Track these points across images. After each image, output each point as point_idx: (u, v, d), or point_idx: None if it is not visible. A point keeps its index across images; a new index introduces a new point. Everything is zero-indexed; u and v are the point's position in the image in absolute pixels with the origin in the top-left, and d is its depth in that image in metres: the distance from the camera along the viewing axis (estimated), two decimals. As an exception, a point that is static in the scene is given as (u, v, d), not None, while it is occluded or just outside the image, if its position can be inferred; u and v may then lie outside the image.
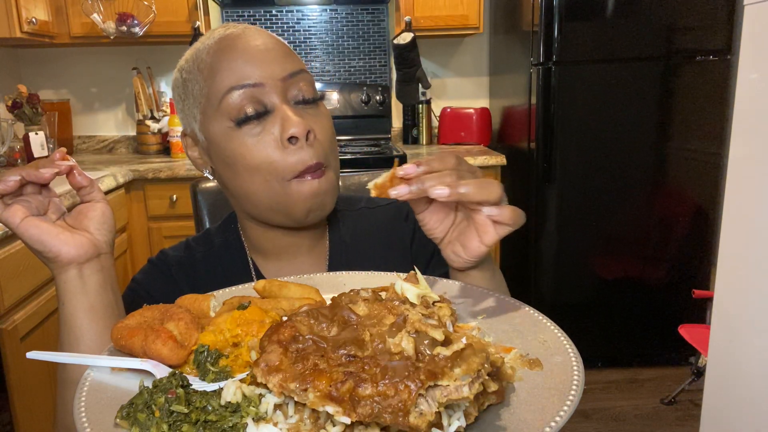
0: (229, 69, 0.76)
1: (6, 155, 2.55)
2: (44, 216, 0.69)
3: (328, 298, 0.64)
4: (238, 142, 0.76)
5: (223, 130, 0.77)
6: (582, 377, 0.50)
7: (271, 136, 0.76)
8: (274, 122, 0.76)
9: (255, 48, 0.77)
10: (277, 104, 0.76)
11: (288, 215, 0.81)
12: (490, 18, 3.05)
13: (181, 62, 0.83)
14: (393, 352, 0.46)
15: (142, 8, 2.63)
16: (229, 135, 0.77)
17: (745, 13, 1.30)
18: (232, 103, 0.76)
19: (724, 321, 1.41)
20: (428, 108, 3.08)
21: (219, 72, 0.77)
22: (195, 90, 0.79)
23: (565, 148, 2.46)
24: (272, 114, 0.76)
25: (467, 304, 0.66)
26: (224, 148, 0.78)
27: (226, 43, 0.78)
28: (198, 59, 0.79)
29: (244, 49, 0.77)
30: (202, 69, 0.78)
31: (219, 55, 0.77)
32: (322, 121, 0.80)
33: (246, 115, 0.75)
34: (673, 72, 2.41)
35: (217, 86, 0.77)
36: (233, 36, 0.79)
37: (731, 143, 1.35)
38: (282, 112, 0.76)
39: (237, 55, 0.76)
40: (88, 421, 0.47)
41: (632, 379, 2.63)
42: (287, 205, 0.79)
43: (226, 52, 0.77)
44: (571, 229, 2.54)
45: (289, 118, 0.75)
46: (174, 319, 0.57)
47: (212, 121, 0.78)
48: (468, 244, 0.66)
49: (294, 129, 0.74)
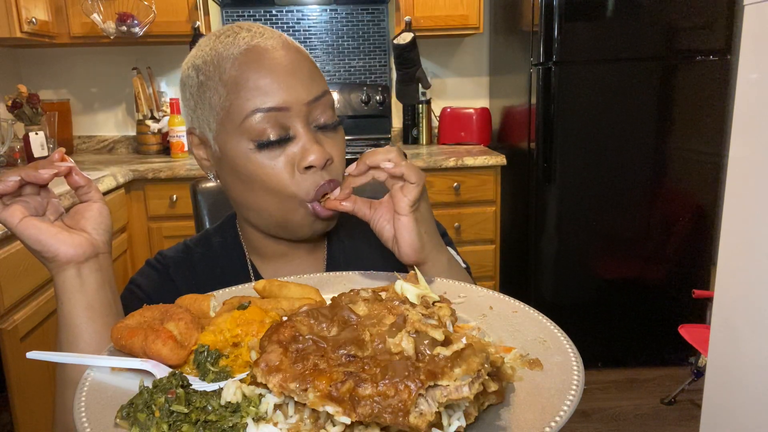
0: (255, 88, 0.75)
1: (6, 155, 2.55)
2: (43, 216, 0.69)
3: (328, 298, 0.64)
4: (257, 164, 0.77)
5: (242, 150, 0.77)
6: (582, 377, 0.50)
7: (289, 162, 0.77)
8: (293, 148, 0.77)
9: (282, 67, 0.76)
10: (299, 130, 0.77)
11: (293, 233, 0.83)
12: (490, 18, 3.05)
13: (197, 61, 0.80)
14: (393, 352, 0.46)
15: (142, 8, 2.63)
16: (248, 156, 0.77)
17: (745, 13, 1.30)
18: (255, 125, 0.75)
19: (724, 321, 1.41)
20: (428, 108, 3.08)
21: (244, 89, 0.75)
22: (214, 99, 0.78)
23: (565, 148, 2.46)
24: (293, 140, 0.77)
25: (467, 304, 0.66)
26: (241, 166, 0.78)
27: (254, 57, 0.76)
28: (220, 67, 0.77)
29: (272, 67, 0.76)
30: (225, 81, 0.77)
31: (245, 69, 0.76)
32: (338, 146, 0.82)
33: (269, 141, 0.76)
34: (673, 72, 2.41)
35: (240, 104, 0.76)
36: (260, 49, 0.77)
37: (731, 143, 1.35)
38: (303, 140, 0.77)
39: (264, 74, 0.75)
40: (88, 421, 0.47)
41: (632, 379, 2.63)
42: (294, 225, 0.81)
43: (253, 68, 0.76)
44: (571, 229, 2.54)
45: (309, 148, 0.76)
46: (174, 319, 0.57)
47: (231, 136, 0.78)
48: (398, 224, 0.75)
49: (312, 157, 0.76)
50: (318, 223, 0.81)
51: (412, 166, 0.73)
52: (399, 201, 0.74)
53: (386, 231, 0.77)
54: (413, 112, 3.09)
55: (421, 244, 0.75)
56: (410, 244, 0.74)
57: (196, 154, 0.85)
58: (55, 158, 0.68)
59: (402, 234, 0.74)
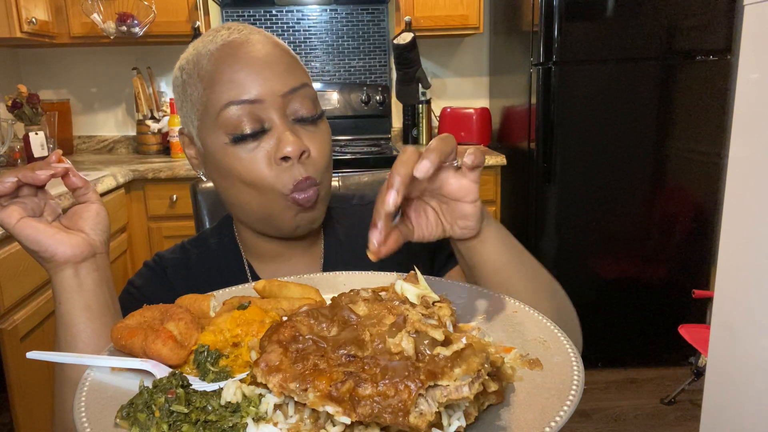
0: (229, 81, 0.75)
1: (6, 155, 2.55)
2: (40, 217, 0.69)
3: (328, 298, 0.64)
4: (234, 158, 0.76)
5: (219, 144, 0.77)
6: (582, 377, 0.50)
7: (266, 154, 0.76)
8: (269, 140, 0.76)
9: (257, 60, 0.76)
10: (275, 122, 0.76)
11: (277, 228, 0.82)
12: (490, 18, 3.05)
13: (182, 61, 0.82)
14: (393, 352, 0.46)
15: (142, 8, 2.63)
16: (225, 150, 0.77)
17: (745, 13, 1.30)
18: (230, 119, 0.75)
19: (724, 321, 1.41)
20: (428, 108, 3.08)
21: (219, 83, 0.76)
22: (194, 96, 0.79)
23: (565, 148, 2.46)
24: (269, 132, 0.76)
25: (467, 304, 0.66)
26: (219, 160, 0.78)
27: (228, 52, 0.76)
28: (198, 64, 0.78)
29: (246, 60, 0.75)
30: (202, 76, 0.77)
31: (220, 64, 0.76)
32: (319, 139, 0.79)
33: (243, 134, 0.75)
34: (673, 72, 2.41)
35: (216, 98, 0.76)
36: (236, 44, 0.77)
37: (731, 143, 1.35)
38: (279, 132, 0.76)
39: (238, 67, 0.75)
40: (88, 421, 0.47)
41: (632, 379, 2.63)
42: (277, 219, 0.80)
43: (228, 62, 0.76)
44: (571, 229, 2.54)
45: (284, 139, 0.75)
46: (174, 319, 0.57)
47: (209, 131, 0.78)
48: (462, 212, 0.65)
49: (288, 149, 0.74)
50: (301, 215, 0.80)
51: (478, 148, 0.63)
52: (468, 192, 0.63)
53: (438, 231, 0.67)
54: (413, 112, 3.09)
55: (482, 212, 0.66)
56: (476, 215, 0.65)
57: (186, 153, 0.86)
58: (52, 159, 0.68)
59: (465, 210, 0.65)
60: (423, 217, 0.67)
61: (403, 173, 0.57)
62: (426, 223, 0.67)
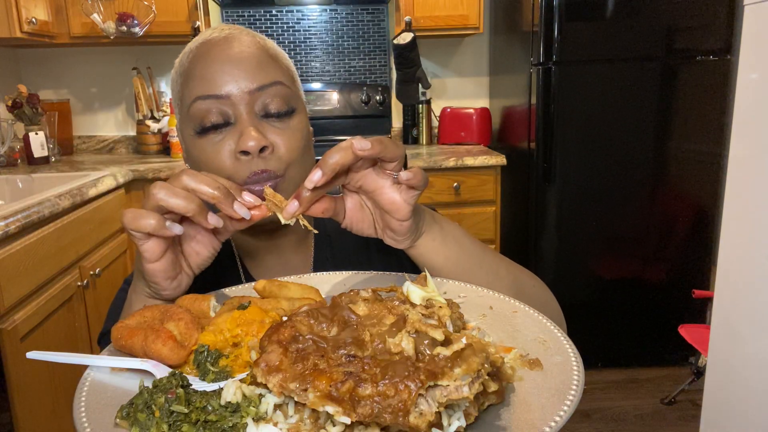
0: (200, 77, 0.78)
1: (6, 155, 2.55)
2: (174, 249, 0.67)
3: (328, 298, 0.64)
4: (200, 150, 0.79)
5: (188, 136, 0.80)
6: (582, 377, 0.50)
7: (228, 147, 0.77)
8: (233, 134, 0.77)
9: (229, 57, 0.78)
10: (241, 117, 0.77)
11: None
12: (490, 18, 3.05)
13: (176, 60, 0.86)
14: (393, 352, 0.46)
15: (142, 8, 2.63)
16: (193, 141, 0.79)
17: (745, 13, 1.30)
18: (198, 112, 0.77)
19: (724, 321, 1.41)
20: (428, 108, 3.08)
21: (192, 79, 0.79)
22: (175, 91, 0.83)
23: (565, 148, 2.46)
24: (234, 126, 0.77)
25: (467, 304, 0.66)
26: (190, 152, 0.81)
27: (204, 50, 0.79)
28: (181, 61, 0.82)
29: (217, 58, 0.78)
30: (180, 72, 0.81)
31: (194, 61, 0.79)
32: (287, 135, 0.80)
33: (204, 127, 0.77)
34: (672, 72, 2.41)
35: (188, 92, 0.79)
36: (212, 42, 0.80)
37: (731, 143, 1.35)
38: (242, 126, 0.77)
39: (209, 64, 0.78)
40: (88, 421, 0.47)
41: (632, 379, 2.63)
42: None
43: (201, 59, 0.79)
44: (571, 229, 2.53)
45: (246, 133, 0.75)
46: (174, 319, 0.57)
47: (183, 125, 0.81)
48: (390, 226, 0.68)
49: (250, 143, 0.75)
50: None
51: (421, 171, 0.64)
52: (400, 211, 0.65)
53: (368, 229, 0.70)
54: (413, 112, 3.09)
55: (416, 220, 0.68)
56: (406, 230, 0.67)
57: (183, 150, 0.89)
58: (248, 201, 0.64)
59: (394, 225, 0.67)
60: (360, 211, 0.70)
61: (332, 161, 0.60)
62: (361, 217, 0.70)
